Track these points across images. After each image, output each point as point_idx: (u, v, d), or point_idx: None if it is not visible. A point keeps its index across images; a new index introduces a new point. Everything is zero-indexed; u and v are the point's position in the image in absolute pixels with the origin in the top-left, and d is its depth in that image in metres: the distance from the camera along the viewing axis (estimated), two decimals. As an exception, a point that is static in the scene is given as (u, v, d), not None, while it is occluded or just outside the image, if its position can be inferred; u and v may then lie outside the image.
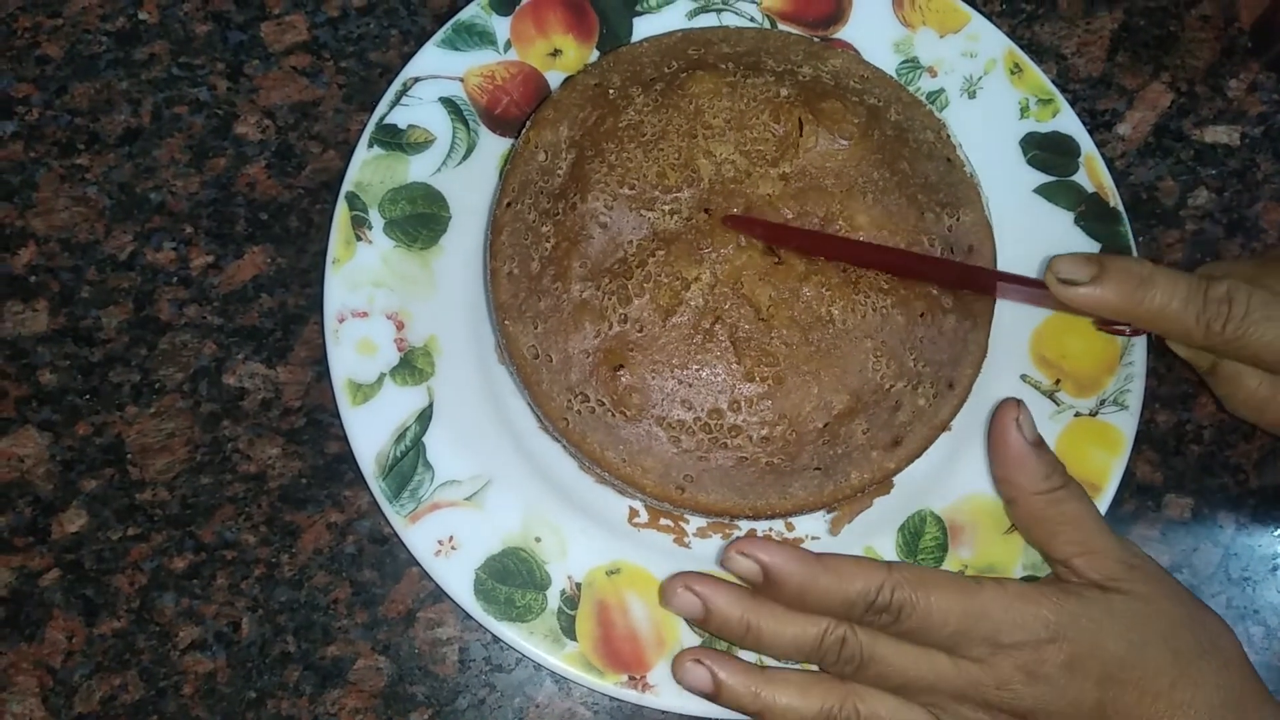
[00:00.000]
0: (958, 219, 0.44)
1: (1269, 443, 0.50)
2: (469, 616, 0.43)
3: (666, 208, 0.42)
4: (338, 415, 0.44)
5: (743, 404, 0.40)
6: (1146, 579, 0.41)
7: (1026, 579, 0.43)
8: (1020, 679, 0.39)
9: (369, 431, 0.44)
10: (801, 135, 0.43)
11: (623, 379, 0.40)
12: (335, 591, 0.45)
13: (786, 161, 0.43)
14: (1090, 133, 0.51)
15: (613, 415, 0.41)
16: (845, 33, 0.51)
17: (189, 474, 0.46)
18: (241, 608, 0.45)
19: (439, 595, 0.45)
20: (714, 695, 0.40)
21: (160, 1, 0.52)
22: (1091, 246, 0.48)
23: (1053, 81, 0.53)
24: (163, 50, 0.51)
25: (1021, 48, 0.53)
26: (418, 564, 0.43)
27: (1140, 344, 0.47)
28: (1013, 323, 0.47)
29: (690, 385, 0.40)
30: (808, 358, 0.41)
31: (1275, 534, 0.49)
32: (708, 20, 0.51)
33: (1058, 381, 0.47)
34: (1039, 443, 0.41)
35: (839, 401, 0.41)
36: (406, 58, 0.50)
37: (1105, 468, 0.46)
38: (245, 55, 0.51)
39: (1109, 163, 0.52)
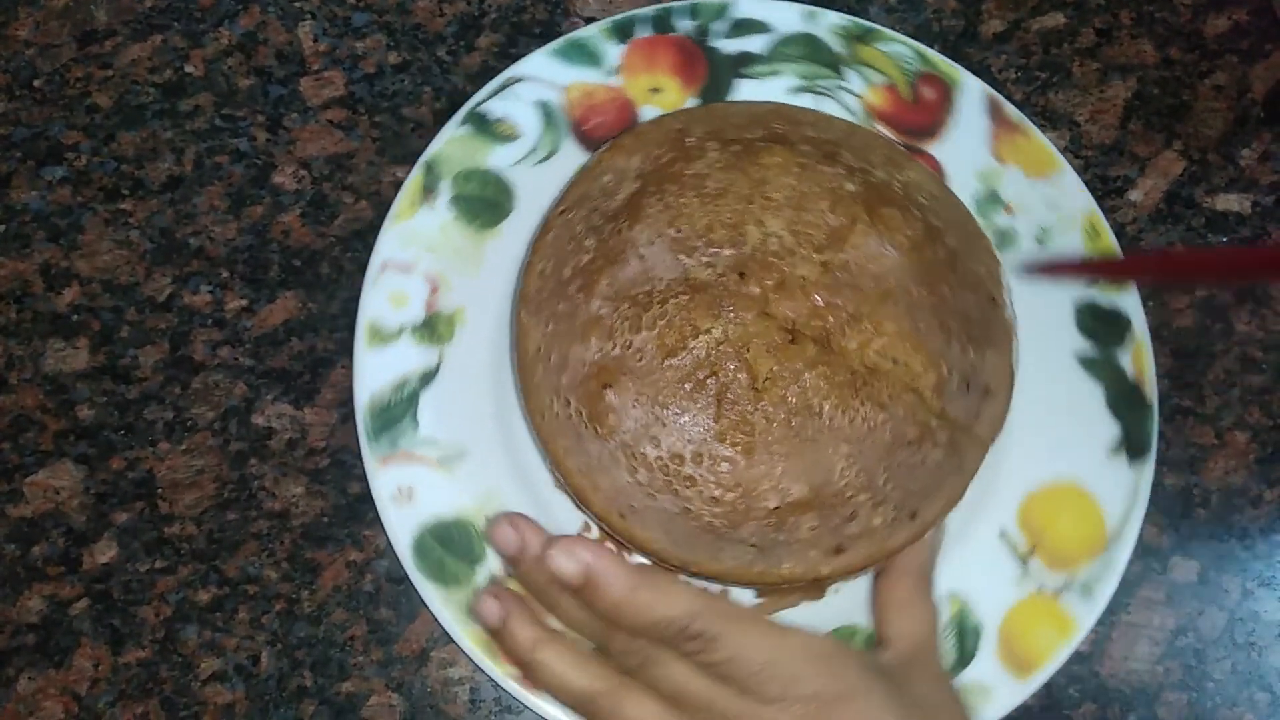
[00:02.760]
0: (983, 357, 0.44)
1: (1278, 507, 0.50)
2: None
3: (705, 259, 0.43)
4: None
5: (705, 459, 0.41)
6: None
7: None
8: None
9: (374, 372, 0.46)
10: (854, 232, 0.43)
11: (606, 397, 0.41)
12: (352, 628, 0.46)
13: (832, 251, 0.43)
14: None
15: (585, 426, 0.42)
16: (935, 148, 0.51)
17: (216, 510, 0.48)
18: (261, 641, 0.46)
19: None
20: (496, 633, 0.41)
21: (206, 55, 0.54)
22: (1113, 427, 0.48)
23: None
24: (206, 102, 0.53)
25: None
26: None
27: (1131, 537, 0.47)
28: (1011, 476, 0.47)
29: (664, 425, 0.41)
30: (783, 439, 0.41)
31: (1281, 600, 0.49)
32: (807, 100, 0.51)
33: (1033, 548, 0.46)
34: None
35: (797, 490, 0.41)
36: (439, 113, 0.53)
37: (1048, 649, 0.45)
38: (285, 108, 0.53)
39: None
